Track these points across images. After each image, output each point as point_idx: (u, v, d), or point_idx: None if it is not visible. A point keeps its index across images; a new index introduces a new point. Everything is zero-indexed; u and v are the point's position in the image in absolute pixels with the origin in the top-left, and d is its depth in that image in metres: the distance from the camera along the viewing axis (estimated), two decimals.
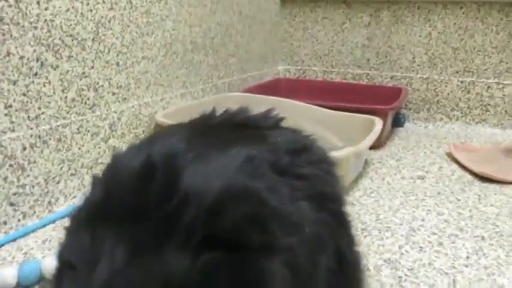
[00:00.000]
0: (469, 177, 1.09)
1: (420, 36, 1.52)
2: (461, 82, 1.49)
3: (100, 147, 0.95)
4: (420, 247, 0.76)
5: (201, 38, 1.25)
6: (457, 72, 1.50)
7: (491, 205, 0.93)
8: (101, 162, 0.96)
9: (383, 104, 1.33)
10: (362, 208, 0.91)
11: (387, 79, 1.60)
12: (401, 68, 1.57)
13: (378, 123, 1.10)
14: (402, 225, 0.84)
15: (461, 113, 1.52)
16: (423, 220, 0.86)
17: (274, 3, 1.65)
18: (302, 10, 1.67)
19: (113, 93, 0.97)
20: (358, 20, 1.60)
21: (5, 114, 0.76)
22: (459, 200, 0.95)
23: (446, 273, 0.68)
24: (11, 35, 0.75)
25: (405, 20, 1.53)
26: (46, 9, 0.80)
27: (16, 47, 0.76)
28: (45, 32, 0.80)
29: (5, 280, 0.61)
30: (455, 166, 1.16)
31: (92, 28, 0.89)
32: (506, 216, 0.88)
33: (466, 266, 0.71)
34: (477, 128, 1.49)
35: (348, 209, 0.48)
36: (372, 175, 1.10)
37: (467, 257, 0.73)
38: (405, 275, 0.68)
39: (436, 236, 0.80)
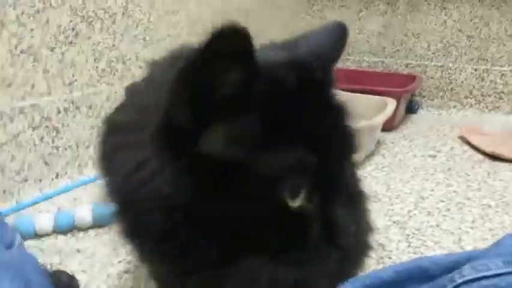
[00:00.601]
0: (480, 156, 1.12)
1: (435, 24, 1.55)
2: (475, 70, 1.52)
3: None
4: (428, 212, 0.80)
5: (222, 21, 1.30)
6: (471, 60, 1.52)
7: (500, 180, 0.96)
8: None
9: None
10: (373, 180, 0.95)
11: (402, 67, 1.63)
12: (416, 56, 1.60)
13: (391, 103, 1.14)
14: (412, 194, 0.88)
15: (475, 100, 1.54)
16: (432, 190, 0.90)
17: None
18: None
19: (140, 67, 1.03)
20: (374, 8, 1.63)
21: (43, 78, 0.82)
22: (468, 175, 0.98)
23: (452, 233, 0.72)
24: (51, 4, 0.81)
25: (421, 8, 1.56)
26: None
27: (54, 16, 0.82)
28: (81, 4, 0.86)
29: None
30: (466, 147, 1.19)
31: (122, 3, 0.95)
32: None
33: (472, 228, 0.74)
34: (490, 116, 1.51)
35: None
36: (384, 153, 1.14)
37: (473, 221, 0.77)
38: (413, 233, 0.72)
39: (444, 203, 0.84)
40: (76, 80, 0.88)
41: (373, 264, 0.63)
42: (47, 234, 0.69)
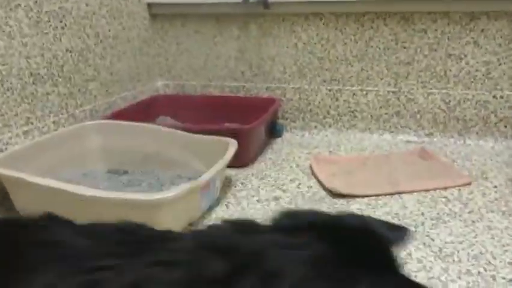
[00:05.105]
0: (323, 193, 1.11)
1: (287, 47, 1.53)
2: (330, 90, 1.54)
3: None
4: None
5: (45, 68, 1.17)
6: (325, 81, 1.53)
7: None
8: None
9: (257, 115, 1.33)
10: None
11: (263, 90, 1.61)
12: (274, 79, 1.59)
13: (232, 147, 1.10)
14: None
15: (333, 120, 1.56)
16: None
17: (143, 20, 1.59)
18: (173, 24, 1.63)
19: None
20: (228, 33, 1.58)
21: None
22: None
23: None
24: None
25: (272, 32, 1.53)
26: None
27: None
28: None
29: None
30: (314, 181, 1.18)
31: None
32: None
33: None
34: (348, 134, 1.54)
35: None
36: (230, 200, 1.09)
37: None
38: None
39: None
40: None
41: None
42: None
